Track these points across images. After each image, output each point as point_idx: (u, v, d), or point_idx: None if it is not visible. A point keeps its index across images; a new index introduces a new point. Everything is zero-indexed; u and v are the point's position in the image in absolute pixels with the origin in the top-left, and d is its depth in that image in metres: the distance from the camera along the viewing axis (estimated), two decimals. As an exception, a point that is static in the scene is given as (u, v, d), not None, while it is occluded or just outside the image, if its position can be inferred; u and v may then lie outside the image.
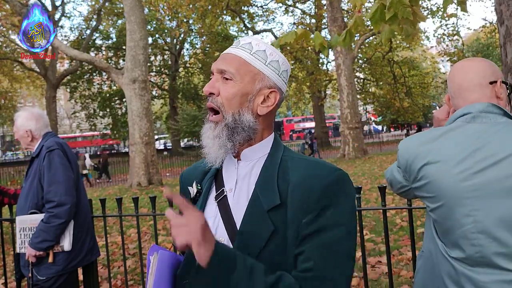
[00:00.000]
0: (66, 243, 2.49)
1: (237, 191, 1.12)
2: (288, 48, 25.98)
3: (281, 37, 2.94)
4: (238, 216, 1.08)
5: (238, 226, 1.06)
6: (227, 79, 1.10)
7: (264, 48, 1.13)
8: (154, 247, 1.15)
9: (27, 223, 2.50)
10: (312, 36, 3.07)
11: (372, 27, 3.18)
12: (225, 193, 1.12)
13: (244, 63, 1.10)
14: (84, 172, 17.70)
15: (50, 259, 2.47)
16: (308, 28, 28.30)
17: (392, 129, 45.20)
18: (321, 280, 0.97)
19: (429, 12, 22.02)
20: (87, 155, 20.40)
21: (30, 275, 2.49)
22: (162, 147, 47.89)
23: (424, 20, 2.66)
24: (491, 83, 1.37)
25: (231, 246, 1.05)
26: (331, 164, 1.09)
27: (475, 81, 1.38)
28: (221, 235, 1.08)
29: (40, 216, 2.46)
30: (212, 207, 1.14)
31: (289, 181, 1.06)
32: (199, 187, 1.19)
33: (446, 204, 1.31)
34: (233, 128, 1.09)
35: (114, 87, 31.80)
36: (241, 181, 1.13)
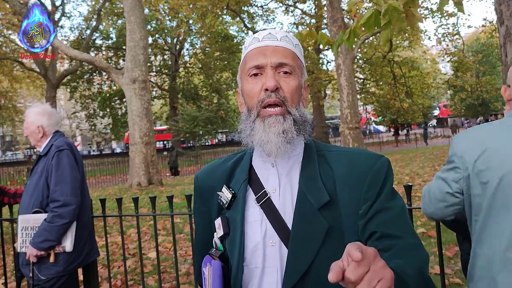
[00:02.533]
0: (68, 244, 2.48)
1: (281, 191, 1.07)
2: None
3: None
4: (286, 217, 1.04)
5: (289, 227, 1.03)
6: (287, 72, 1.06)
7: (297, 42, 1.12)
8: (208, 259, 1.11)
9: (30, 222, 2.50)
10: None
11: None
12: (268, 195, 1.07)
13: (295, 56, 1.09)
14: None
15: (52, 259, 2.47)
16: (308, 28, 28.30)
17: (392, 129, 45.16)
18: (410, 246, 0.96)
19: (430, 12, 22.02)
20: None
21: (31, 275, 2.49)
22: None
23: (421, 21, 2.67)
24: None
25: (284, 248, 1.03)
26: (371, 152, 1.09)
27: None
28: (272, 238, 1.04)
29: (43, 216, 2.46)
30: (255, 210, 1.08)
31: (334, 176, 1.05)
32: (233, 191, 1.12)
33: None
34: (302, 123, 1.06)
35: (114, 87, 31.80)
36: (284, 180, 1.08)
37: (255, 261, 1.06)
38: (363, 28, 2.86)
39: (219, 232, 1.12)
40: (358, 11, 2.86)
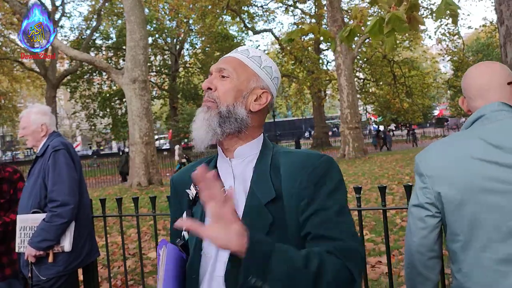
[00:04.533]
0: (67, 244, 2.48)
1: (236, 189, 1.17)
2: (288, 48, 26.01)
3: (289, 32, 2.99)
4: (239, 212, 1.12)
5: None
6: (224, 76, 1.20)
7: (259, 55, 1.24)
8: (163, 242, 1.22)
9: (28, 222, 2.50)
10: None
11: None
12: (226, 193, 1.14)
13: (241, 63, 1.22)
14: (183, 161, 20.37)
15: (50, 259, 2.46)
16: (307, 25, 28.27)
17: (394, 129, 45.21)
18: (345, 250, 1.03)
19: (430, 12, 22.02)
20: (176, 147, 22.45)
21: (30, 275, 2.49)
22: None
23: (423, 25, 2.68)
24: (509, 83, 1.41)
25: None
26: (316, 152, 1.19)
27: (496, 82, 1.41)
28: None
29: (42, 216, 2.45)
30: None
31: (281, 174, 1.15)
32: (198, 188, 1.21)
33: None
34: (226, 117, 1.17)
35: (114, 87, 31.80)
36: (238, 178, 1.19)
37: (210, 250, 1.15)
38: (363, 28, 2.87)
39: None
40: (363, 17, 2.87)
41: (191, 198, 1.25)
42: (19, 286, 2.83)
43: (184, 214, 1.24)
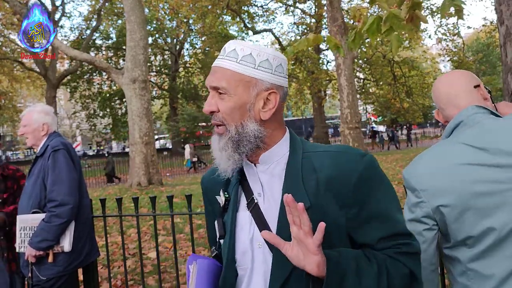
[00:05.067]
0: (66, 244, 2.48)
1: (266, 195, 1.13)
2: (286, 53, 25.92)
3: (295, 44, 2.95)
4: (271, 221, 1.09)
5: (273, 230, 1.07)
6: (221, 93, 1.10)
7: (249, 52, 1.10)
8: (193, 256, 1.19)
9: (28, 222, 2.50)
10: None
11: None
12: (256, 201, 1.13)
13: (233, 74, 1.09)
14: (194, 159, 21.14)
15: (50, 259, 2.46)
16: (308, 28, 28.31)
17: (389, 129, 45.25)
18: (404, 251, 1.06)
19: (430, 12, 22.02)
20: (186, 146, 22.98)
21: (30, 275, 2.49)
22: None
23: (426, 22, 2.67)
24: (475, 86, 1.44)
25: (268, 250, 1.09)
26: (355, 150, 1.11)
27: (462, 87, 1.44)
28: (259, 240, 1.10)
29: (41, 216, 2.46)
30: (244, 214, 1.14)
31: (317, 179, 1.07)
32: (227, 195, 1.19)
33: None
34: (238, 141, 1.09)
35: (114, 87, 31.79)
36: (266, 185, 1.13)
37: (245, 262, 1.12)
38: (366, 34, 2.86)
39: (217, 233, 1.19)
40: (361, 16, 2.86)
41: (220, 205, 1.19)
42: (19, 283, 2.84)
43: (216, 224, 1.20)
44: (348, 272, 0.97)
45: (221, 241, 1.19)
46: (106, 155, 21.25)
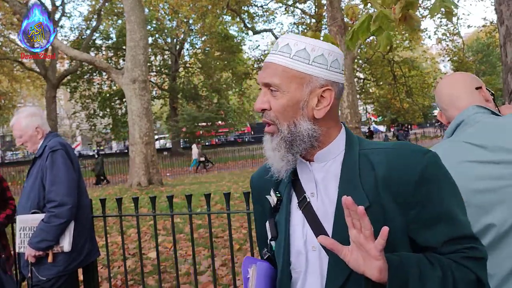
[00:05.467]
0: (66, 244, 2.48)
1: (319, 195, 1.07)
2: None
3: None
4: (326, 222, 1.04)
5: (328, 232, 1.03)
6: (273, 91, 1.04)
7: (304, 46, 1.04)
8: (249, 259, 1.15)
9: (28, 222, 2.50)
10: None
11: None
12: (308, 200, 1.08)
13: (286, 70, 1.04)
14: (201, 159, 21.61)
15: (50, 259, 2.46)
16: (308, 28, 28.30)
17: (392, 129, 45.27)
18: (470, 256, 0.99)
19: (429, 12, 21.98)
20: (193, 146, 23.38)
21: (30, 275, 2.49)
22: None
23: (419, 24, 2.68)
24: (476, 88, 1.46)
25: (324, 253, 1.04)
26: (416, 147, 1.04)
27: (464, 89, 1.46)
28: (313, 243, 1.05)
29: (41, 216, 2.46)
30: (297, 214, 1.10)
31: (375, 177, 1.01)
32: (279, 195, 1.14)
33: None
34: (291, 141, 1.04)
35: (114, 87, 31.79)
36: (321, 184, 1.08)
37: (299, 265, 1.08)
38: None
39: (269, 234, 1.16)
40: (354, 14, 2.88)
41: (272, 205, 1.14)
42: (11, 283, 2.85)
43: (267, 224, 1.16)
44: (411, 278, 0.92)
45: (272, 242, 1.14)
46: (96, 156, 21.20)
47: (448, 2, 2.41)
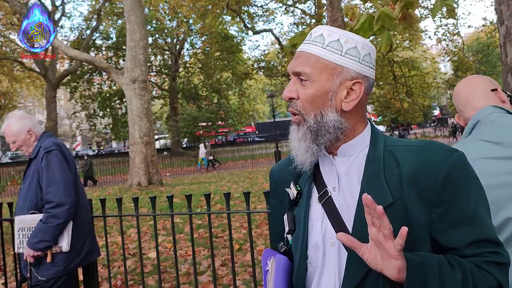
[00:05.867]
0: (65, 244, 2.48)
1: (341, 189, 1.06)
2: (284, 51, 25.97)
3: (291, 38, 2.99)
4: (346, 217, 1.03)
5: (349, 228, 1.01)
6: (303, 80, 1.04)
7: (337, 38, 1.04)
8: (269, 252, 1.15)
9: (26, 223, 2.50)
10: None
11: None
12: (329, 194, 1.07)
13: (318, 60, 1.03)
14: (210, 158, 22.04)
15: (49, 259, 2.46)
16: (308, 28, 28.30)
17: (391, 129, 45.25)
18: (493, 260, 0.97)
19: (429, 11, 21.99)
20: (201, 146, 23.87)
21: (28, 275, 2.49)
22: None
23: (418, 22, 2.70)
24: (492, 90, 1.51)
25: (343, 249, 1.02)
26: (443, 146, 1.02)
27: (480, 90, 1.51)
28: (332, 238, 1.04)
29: (39, 216, 2.45)
30: (317, 208, 1.08)
31: (400, 174, 1.00)
32: (299, 188, 1.13)
33: None
34: (317, 131, 1.03)
35: (114, 87, 31.80)
36: (344, 178, 1.07)
37: (316, 259, 1.06)
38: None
39: (286, 227, 1.14)
40: (353, 14, 2.89)
41: (291, 198, 1.13)
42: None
43: (285, 217, 1.14)
44: (430, 278, 0.91)
45: (289, 236, 1.13)
46: (85, 157, 21.15)
47: (449, 0, 2.42)
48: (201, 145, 24.23)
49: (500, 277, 0.96)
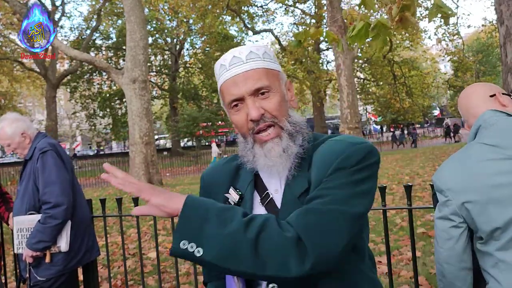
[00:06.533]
0: (63, 244, 2.48)
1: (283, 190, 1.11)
2: (288, 48, 26.01)
3: (295, 34, 3.06)
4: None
5: None
6: (264, 93, 1.07)
7: (264, 50, 1.12)
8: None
9: (25, 223, 2.50)
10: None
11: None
12: (271, 196, 1.11)
13: (267, 71, 1.09)
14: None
15: (47, 259, 2.47)
16: (308, 29, 28.30)
17: (392, 129, 45.30)
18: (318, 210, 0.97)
19: (428, 16, 21.96)
20: (213, 145, 23.86)
21: (28, 275, 2.49)
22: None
23: (415, 26, 2.75)
24: (491, 96, 1.56)
25: None
26: (358, 139, 1.06)
27: (478, 98, 1.58)
28: None
29: (37, 217, 2.46)
30: (260, 210, 1.12)
31: (314, 162, 1.07)
32: (240, 193, 1.15)
33: None
34: (296, 132, 1.09)
35: (114, 87, 31.81)
36: (284, 180, 1.11)
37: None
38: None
39: None
40: (352, 19, 2.95)
41: (232, 203, 1.14)
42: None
43: None
44: (210, 214, 0.94)
45: None
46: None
47: (445, 7, 2.46)
48: (213, 144, 24.06)
49: (302, 233, 0.93)
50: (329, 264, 0.93)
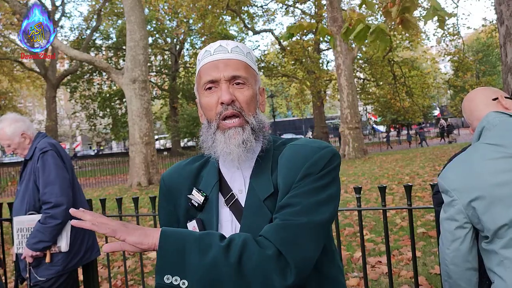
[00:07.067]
0: (63, 244, 2.48)
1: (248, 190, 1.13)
2: (288, 48, 26.02)
3: (288, 27, 3.07)
4: None
5: None
6: (240, 83, 1.11)
7: (248, 50, 1.17)
8: None
9: (24, 223, 2.50)
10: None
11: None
12: (236, 197, 1.13)
13: (247, 66, 1.14)
14: None
15: (47, 260, 2.47)
16: (304, 21, 28.28)
17: (392, 129, 45.30)
18: (289, 223, 0.99)
19: (424, 18, 21.96)
20: None
21: (27, 275, 2.49)
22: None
23: (416, 27, 2.76)
24: (493, 99, 1.60)
25: None
26: (320, 142, 1.11)
27: (481, 102, 1.62)
28: None
29: (37, 217, 2.46)
30: (225, 211, 1.13)
31: (279, 167, 1.10)
32: (204, 194, 1.16)
33: None
34: (257, 129, 1.12)
35: (114, 87, 31.80)
36: (249, 181, 1.14)
37: None
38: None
39: None
40: (352, 20, 2.97)
41: (196, 204, 1.15)
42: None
43: (194, 222, 1.15)
44: (187, 241, 0.95)
45: None
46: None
47: (441, 11, 2.49)
48: None
49: (283, 249, 0.96)
50: (308, 271, 0.98)
